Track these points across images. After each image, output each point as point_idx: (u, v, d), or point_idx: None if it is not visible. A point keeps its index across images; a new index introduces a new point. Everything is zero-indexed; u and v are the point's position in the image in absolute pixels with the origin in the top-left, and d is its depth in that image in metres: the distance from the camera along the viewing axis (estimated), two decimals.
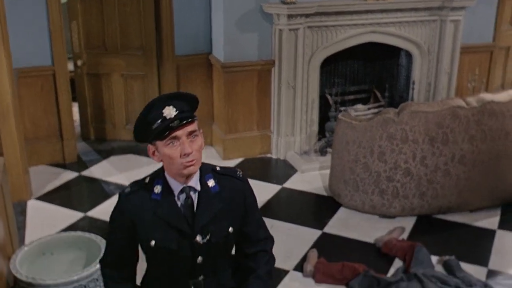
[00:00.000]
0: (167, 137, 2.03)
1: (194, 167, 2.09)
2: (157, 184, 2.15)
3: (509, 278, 3.95)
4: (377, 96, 6.19)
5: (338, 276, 3.82)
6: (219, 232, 2.19)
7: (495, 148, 4.60)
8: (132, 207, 2.14)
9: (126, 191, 2.18)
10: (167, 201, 2.14)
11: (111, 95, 6.02)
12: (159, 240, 2.14)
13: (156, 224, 2.13)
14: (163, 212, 2.13)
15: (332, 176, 4.92)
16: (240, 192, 2.25)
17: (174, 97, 2.09)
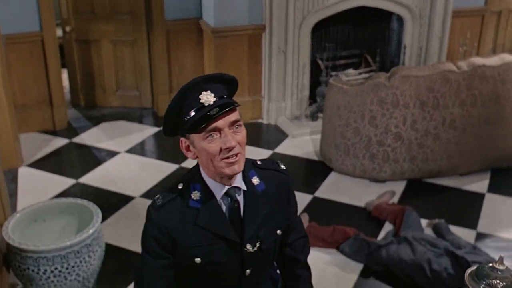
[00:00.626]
0: (205, 129, 1.70)
1: (239, 164, 1.77)
2: (195, 189, 1.82)
3: (497, 240, 4.00)
4: (368, 60, 6.17)
5: (329, 239, 3.86)
6: (269, 237, 1.91)
7: (485, 112, 4.62)
8: (168, 221, 1.79)
9: (158, 203, 1.82)
10: (209, 207, 1.81)
11: (101, 61, 5.97)
12: (206, 256, 1.83)
13: (199, 236, 1.81)
14: (206, 221, 1.81)
15: (323, 141, 4.93)
16: (285, 187, 1.99)
17: (211, 79, 1.76)
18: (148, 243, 1.83)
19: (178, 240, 1.80)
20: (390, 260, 3.55)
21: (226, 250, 1.84)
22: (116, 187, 4.58)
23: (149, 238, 1.82)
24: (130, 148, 5.25)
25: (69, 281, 3.19)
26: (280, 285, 2.10)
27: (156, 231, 1.80)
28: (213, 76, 1.77)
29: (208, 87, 1.73)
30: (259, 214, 1.87)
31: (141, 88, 6.08)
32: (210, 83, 1.75)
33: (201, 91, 1.72)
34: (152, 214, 1.81)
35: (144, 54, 5.90)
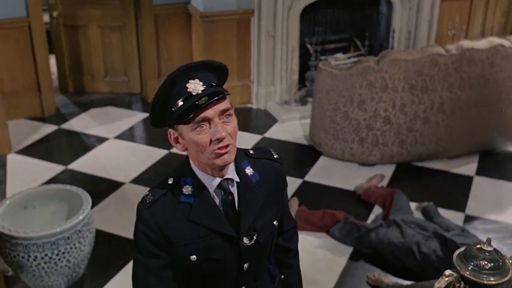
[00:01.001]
0: (193, 119, 1.61)
1: (230, 155, 1.67)
2: (186, 184, 1.73)
3: (485, 223, 4.04)
4: (357, 44, 6.17)
5: (319, 223, 3.88)
6: (266, 229, 1.84)
7: (473, 95, 4.63)
8: (160, 219, 1.70)
9: (148, 200, 1.73)
10: (202, 201, 1.72)
11: (89, 47, 5.93)
12: (201, 252, 1.74)
13: (193, 233, 1.72)
14: (199, 216, 1.72)
15: (313, 125, 4.94)
16: (279, 176, 1.91)
17: (198, 67, 1.67)
18: (141, 242, 1.74)
19: (171, 237, 1.72)
20: (380, 243, 3.58)
21: (222, 245, 1.76)
22: (105, 173, 4.57)
23: (141, 237, 1.73)
24: (119, 134, 5.24)
25: (60, 268, 3.19)
26: (278, 280, 2.05)
27: (148, 229, 1.71)
28: (201, 63, 1.69)
29: (196, 75, 1.65)
30: (254, 205, 1.80)
31: (130, 73, 6.05)
32: (198, 71, 1.67)
33: (189, 80, 1.63)
34: (143, 212, 1.72)
35: (132, 39, 5.87)
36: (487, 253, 1.72)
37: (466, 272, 1.70)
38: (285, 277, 2.08)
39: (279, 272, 2.07)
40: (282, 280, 2.07)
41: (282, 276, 2.07)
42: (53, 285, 3.29)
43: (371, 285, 3.44)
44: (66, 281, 3.31)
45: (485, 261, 1.70)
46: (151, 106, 1.70)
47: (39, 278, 3.21)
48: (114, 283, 3.44)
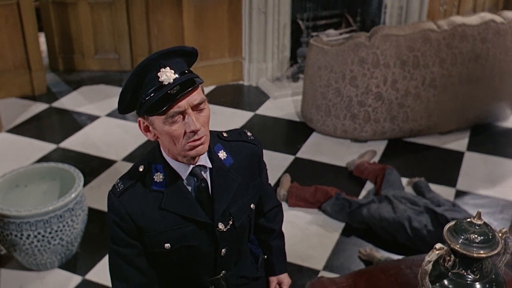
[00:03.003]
0: (166, 111, 1.55)
1: (204, 146, 1.62)
2: (157, 171, 1.68)
3: (476, 198, 4.06)
4: (349, 20, 6.14)
5: (311, 199, 3.90)
6: (241, 212, 1.80)
7: (465, 71, 4.64)
8: (131, 208, 1.66)
9: (118, 189, 1.68)
10: (174, 189, 1.68)
11: (79, 24, 5.88)
12: (176, 240, 1.71)
13: (166, 221, 1.69)
14: (172, 204, 1.68)
15: (304, 102, 4.94)
16: (255, 158, 1.86)
17: (169, 54, 1.58)
18: (113, 231, 1.70)
19: (143, 226, 1.68)
20: (371, 218, 3.60)
21: (197, 232, 1.73)
22: (97, 151, 4.57)
23: (113, 226, 1.69)
24: (111, 112, 5.22)
25: (53, 246, 3.20)
26: (261, 260, 2.05)
27: (118, 218, 1.67)
28: (172, 50, 1.59)
29: (167, 63, 1.56)
30: (228, 190, 1.75)
31: (120, 51, 6.01)
32: (169, 58, 1.57)
33: (160, 68, 1.55)
34: (114, 202, 1.67)
35: (122, 16, 5.81)
36: (477, 227, 1.74)
37: (456, 246, 1.72)
38: (267, 257, 2.08)
39: (262, 252, 2.07)
40: (265, 260, 2.08)
41: (265, 256, 2.07)
42: (46, 263, 3.30)
43: (363, 260, 3.47)
44: (59, 259, 3.33)
45: (475, 234, 1.72)
46: (120, 95, 1.61)
47: (32, 256, 3.22)
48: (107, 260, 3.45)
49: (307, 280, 2.98)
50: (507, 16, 4.72)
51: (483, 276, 1.75)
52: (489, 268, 1.77)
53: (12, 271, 3.36)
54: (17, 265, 3.37)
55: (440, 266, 1.79)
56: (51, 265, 3.33)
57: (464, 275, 1.75)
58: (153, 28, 5.72)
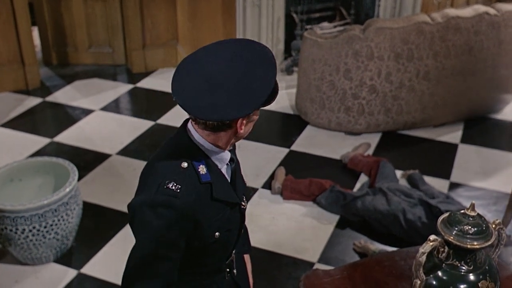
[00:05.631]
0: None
1: None
2: (200, 164, 1.67)
3: (470, 190, 4.08)
4: (343, 13, 6.14)
5: (306, 192, 3.91)
6: (244, 190, 1.90)
7: (459, 63, 4.65)
8: (192, 205, 1.63)
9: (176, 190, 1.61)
10: (217, 178, 1.70)
11: (72, 18, 5.85)
12: (222, 227, 1.74)
13: (216, 210, 1.71)
14: (221, 192, 1.71)
15: (299, 95, 4.94)
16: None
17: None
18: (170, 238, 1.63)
19: (200, 220, 1.66)
20: (366, 211, 3.61)
21: (233, 214, 1.78)
22: (92, 145, 4.56)
23: (173, 232, 1.62)
24: (105, 106, 5.21)
25: (48, 240, 3.20)
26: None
27: (184, 221, 1.62)
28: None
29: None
30: (239, 172, 1.85)
31: (114, 44, 5.99)
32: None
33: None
34: (176, 204, 1.60)
35: (116, 9, 5.79)
36: (470, 218, 1.75)
37: (450, 237, 1.73)
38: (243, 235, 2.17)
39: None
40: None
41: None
42: (41, 258, 3.30)
43: (358, 252, 3.48)
44: (54, 253, 3.33)
45: (469, 226, 1.73)
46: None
47: (27, 250, 3.22)
48: (103, 254, 3.46)
49: (302, 272, 3.00)
50: (500, 8, 4.73)
51: (476, 267, 1.76)
52: (482, 259, 1.78)
53: (7, 265, 3.36)
54: (12, 259, 3.36)
55: (434, 258, 1.80)
56: (47, 259, 3.34)
57: (458, 266, 1.76)
58: (147, 21, 5.71)
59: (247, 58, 1.56)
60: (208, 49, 1.62)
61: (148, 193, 1.62)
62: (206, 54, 1.60)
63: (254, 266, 3.38)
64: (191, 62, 1.60)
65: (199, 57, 1.61)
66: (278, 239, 3.58)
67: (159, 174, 1.64)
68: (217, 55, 1.58)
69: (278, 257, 3.45)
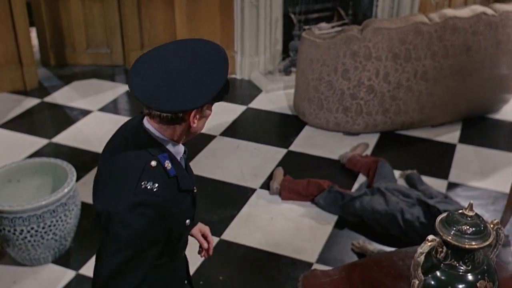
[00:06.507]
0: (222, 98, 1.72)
1: None
2: (165, 160, 1.73)
3: (468, 189, 4.09)
4: (341, 14, 6.15)
5: (304, 192, 3.91)
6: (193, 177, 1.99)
7: (456, 63, 4.65)
8: (168, 201, 1.72)
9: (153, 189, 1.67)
10: (180, 170, 1.78)
11: (70, 19, 5.85)
12: (190, 215, 1.86)
13: (183, 200, 1.80)
14: (185, 183, 1.79)
15: (297, 95, 4.94)
16: None
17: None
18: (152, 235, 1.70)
19: (176, 212, 1.76)
20: (364, 211, 3.61)
21: (192, 201, 1.87)
22: (90, 146, 4.56)
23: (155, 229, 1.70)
24: (103, 107, 5.21)
25: (46, 241, 3.20)
26: None
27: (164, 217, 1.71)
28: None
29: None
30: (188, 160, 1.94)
31: (112, 45, 5.99)
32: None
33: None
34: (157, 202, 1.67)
35: (114, 10, 5.79)
36: (468, 218, 1.75)
37: (448, 237, 1.73)
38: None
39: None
40: None
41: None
42: (39, 258, 3.30)
43: (356, 252, 3.48)
44: (52, 254, 3.33)
45: (467, 225, 1.73)
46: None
47: (25, 251, 3.21)
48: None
49: (300, 273, 3.00)
50: (498, 8, 4.73)
51: (475, 267, 1.76)
52: (481, 259, 1.78)
53: (5, 266, 3.36)
54: (11, 260, 3.36)
55: (433, 258, 1.80)
56: (45, 260, 3.33)
57: (456, 266, 1.76)
58: (145, 22, 5.71)
59: (201, 54, 1.67)
60: (164, 47, 1.70)
61: (125, 195, 1.66)
62: (162, 51, 1.69)
63: (252, 266, 3.39)
64: (148, 58, 1.68)
65: (155, 54, 1.69)
66: (277, 240, 3.59)
67: (130, 175, 1.68)
68: (173, 52, 1.67)
69: (277, 258, 3.45)
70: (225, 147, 4.58)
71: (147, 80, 1.64)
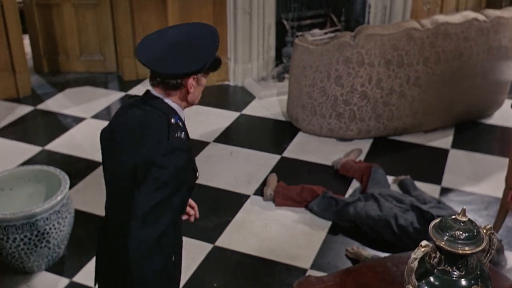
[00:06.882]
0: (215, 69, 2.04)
1: None
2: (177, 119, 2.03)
3: (461, 194, 4.10)
4: (334, 20, 6.16)
5: (298, 198, 3.91)
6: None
7: (448, 69, 4.67)
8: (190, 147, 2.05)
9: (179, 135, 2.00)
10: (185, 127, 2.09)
11: (63, 26, 5.85)
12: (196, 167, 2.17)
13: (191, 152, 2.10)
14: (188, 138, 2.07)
15: (290, 102, 4.95)
16: None
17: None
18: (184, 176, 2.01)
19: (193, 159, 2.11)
20: (358, 216, 3.62)
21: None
22: (83, 153, 4.55)
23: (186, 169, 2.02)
24: (96, 114, 5.20)
25: (40, 249, 3.19)
26: None
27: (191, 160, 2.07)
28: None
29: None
30: None
31: (105, 52, 5.99)
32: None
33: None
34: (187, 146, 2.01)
35: (107, 17, 5.80)
36: (461, 224, 1.76)
37: (442, 242, 1.74)
38: None
39: None
40: None
41: None
42: (33, 266, 3.29)
43: (350, 258, 3.48)
44: (46, 262, 3.32)
45: (460, 231, 1.74)
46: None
47: (19, 259, 3.20)
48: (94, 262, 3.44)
49: (294, 279, 2.99)
50: (489, 14, 4.76)
51: (468, 272, 1.77)
52: (474, 264, 1.79)
53: None
54: (4, 268, 3.34)
55: (426, 263, 1.81)
56: (38, 268, 3.32)
57: (450, 272, 1.77)
58: (138, 29, 5.71)
59: (196, 32, 2.03)
60: (165, 28, 2.04)
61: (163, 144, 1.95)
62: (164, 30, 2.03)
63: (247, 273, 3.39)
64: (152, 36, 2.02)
65: (158, 33, 2.03)
66: (271, 246, 3.59)
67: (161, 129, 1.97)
68: (172, 30, 2.02)
69: (271, 264, 3.44)
70: (219, 153, 4.58)
71: (152, 51, 1.95)
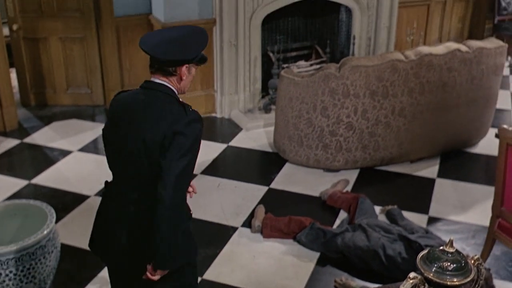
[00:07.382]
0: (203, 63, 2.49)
1: None
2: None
3: (448, 224, 4.11)
4: (319, 52, 6.23)
5: (286, 230, 3.91)
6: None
7: (433, 99, 4.73)
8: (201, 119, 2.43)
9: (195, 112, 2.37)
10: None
11: (50, 60, 5.87)
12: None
13: None
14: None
15: (277, 133, 4.98)
16: None
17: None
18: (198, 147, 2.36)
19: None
20: (346, 247, 3.62)
21: None
22: (70, 187, 4.53)
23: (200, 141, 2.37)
24: (83, 147, 5.19)
25: (25, 284, 3.14)
26: None
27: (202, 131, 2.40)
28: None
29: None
30: None
31: (92, 85, 6.00)
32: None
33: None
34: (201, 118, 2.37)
35: (94, 51, 5.83)
36: (449, 255, 1.77)
37: (430, 274, 1.74)
38: None
39: None
40: None
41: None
42: None
43: None
44: None
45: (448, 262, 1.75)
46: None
47: None
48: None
49: None
50: (471, 45, 4.84)
51: None
52: None
53: None
54: None
55: None
56: None
57: None
58: (125, 62, 5.74)
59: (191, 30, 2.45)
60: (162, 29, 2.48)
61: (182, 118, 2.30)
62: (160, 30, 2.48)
63: None
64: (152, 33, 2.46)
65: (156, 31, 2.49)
66: (259, 278, 3.57)
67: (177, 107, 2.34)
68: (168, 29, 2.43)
69: None
70: (206, 185, 4.57)
71: (153, 42, 2.35)
